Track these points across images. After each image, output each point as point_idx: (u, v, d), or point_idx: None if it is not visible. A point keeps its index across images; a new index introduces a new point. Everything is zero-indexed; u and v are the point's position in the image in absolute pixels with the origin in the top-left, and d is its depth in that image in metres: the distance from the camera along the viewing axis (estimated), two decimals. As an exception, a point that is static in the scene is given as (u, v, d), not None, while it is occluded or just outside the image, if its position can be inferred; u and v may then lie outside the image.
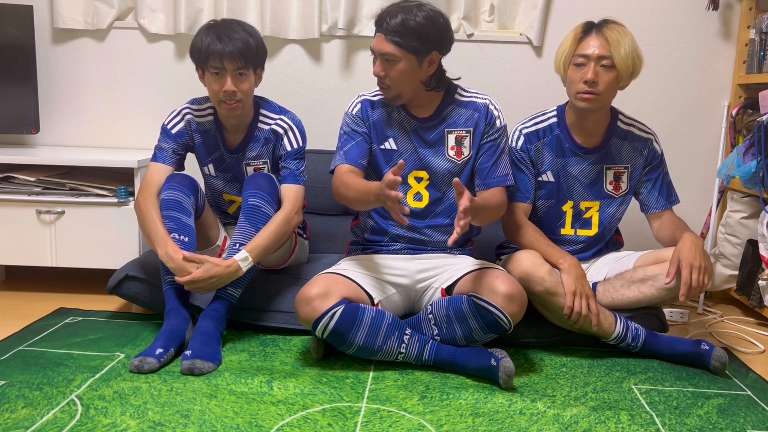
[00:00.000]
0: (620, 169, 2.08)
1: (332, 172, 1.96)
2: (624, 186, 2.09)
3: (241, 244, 1.93)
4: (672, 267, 1.89)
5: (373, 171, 1.99)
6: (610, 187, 2.08)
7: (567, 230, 2.11)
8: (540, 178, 2.08)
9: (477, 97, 1.97)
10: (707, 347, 1.89)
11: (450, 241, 1.60)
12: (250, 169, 2.14)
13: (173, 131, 2.10)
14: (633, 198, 2.15)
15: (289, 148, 2.10)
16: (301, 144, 2.12)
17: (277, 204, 2.02)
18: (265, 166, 2.14)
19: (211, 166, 2.17)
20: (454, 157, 1.94)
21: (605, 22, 1.95)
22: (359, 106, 1.97)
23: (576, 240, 2.11)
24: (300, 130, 2.13)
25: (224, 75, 1.95)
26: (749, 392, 1.77)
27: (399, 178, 1.58)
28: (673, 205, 2.11)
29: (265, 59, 2.07)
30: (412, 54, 1.81)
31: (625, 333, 1.93)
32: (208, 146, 2.14)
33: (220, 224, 2.25)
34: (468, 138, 1.95)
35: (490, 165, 1.95)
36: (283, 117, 2.13)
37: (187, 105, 2.14)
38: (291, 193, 2.06)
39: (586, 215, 2.10)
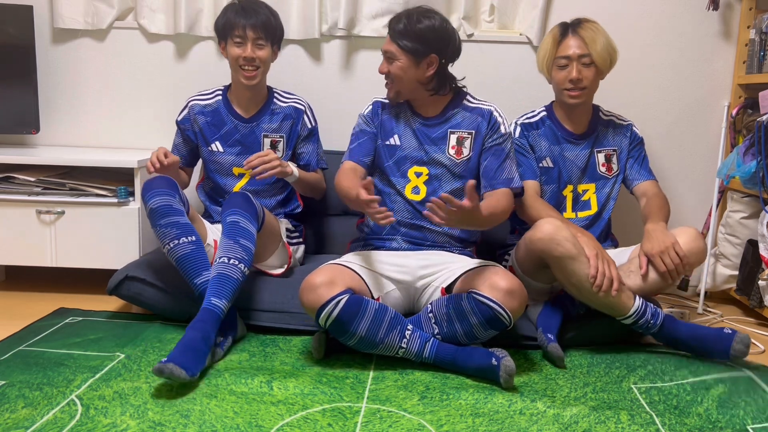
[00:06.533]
0: (609, 151, 2.24)
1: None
2: (615, 167, 2.24)
3: (228, 258, 1.87)
4: (642, 261, 1.98)
5: (377, 164, 2.06)
6: (602, 169, 2.23)
7: (568, 214, 2.21)
8: (541, 164, 2.19)
9: (483, 105, 2.06)
10: (730, 331, 1.90)
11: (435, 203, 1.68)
12: (267, 141, 2.27)
13: (179, 119, 2.31)
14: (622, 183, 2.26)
15: (309, 126, 2.32)
16: (315, 123, 2.35)
17: (257, 220, 2.00)
18: (281, 140, 2.28)
19: (218, 143, 2.26)
20: (454, 155, 2.01)
21: (578, 22, 2.12)
22: (371, 107, 2.11)
23: (577, 222, 2.18)
24: (312, 110, 2.35)
25: (245, 43, 2.14)
26: (750, 373, 1.75)
27: (376, 198, 1.72)
28: (654, 179, 2.22)
29: (281, 40, 2.27)
30: (410, 54, 1.93)
31: (644, 309, 1.91)
32: (214, 124, 2.27)
33: (207, 224, 2.19)
34: (469, 140, 2.02)
35: (496, 167, 2.00)
36: (297, 97, 2.35)
37: (192, 96, 2.33)
38: (320, 176, 2.36)
39: (584, 198, 2.22)
